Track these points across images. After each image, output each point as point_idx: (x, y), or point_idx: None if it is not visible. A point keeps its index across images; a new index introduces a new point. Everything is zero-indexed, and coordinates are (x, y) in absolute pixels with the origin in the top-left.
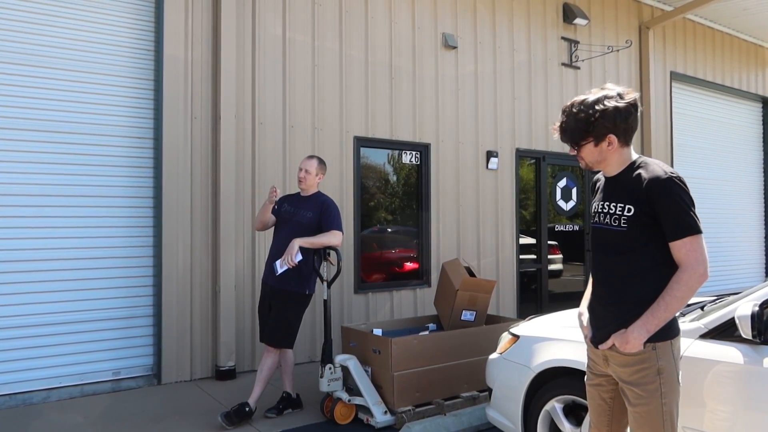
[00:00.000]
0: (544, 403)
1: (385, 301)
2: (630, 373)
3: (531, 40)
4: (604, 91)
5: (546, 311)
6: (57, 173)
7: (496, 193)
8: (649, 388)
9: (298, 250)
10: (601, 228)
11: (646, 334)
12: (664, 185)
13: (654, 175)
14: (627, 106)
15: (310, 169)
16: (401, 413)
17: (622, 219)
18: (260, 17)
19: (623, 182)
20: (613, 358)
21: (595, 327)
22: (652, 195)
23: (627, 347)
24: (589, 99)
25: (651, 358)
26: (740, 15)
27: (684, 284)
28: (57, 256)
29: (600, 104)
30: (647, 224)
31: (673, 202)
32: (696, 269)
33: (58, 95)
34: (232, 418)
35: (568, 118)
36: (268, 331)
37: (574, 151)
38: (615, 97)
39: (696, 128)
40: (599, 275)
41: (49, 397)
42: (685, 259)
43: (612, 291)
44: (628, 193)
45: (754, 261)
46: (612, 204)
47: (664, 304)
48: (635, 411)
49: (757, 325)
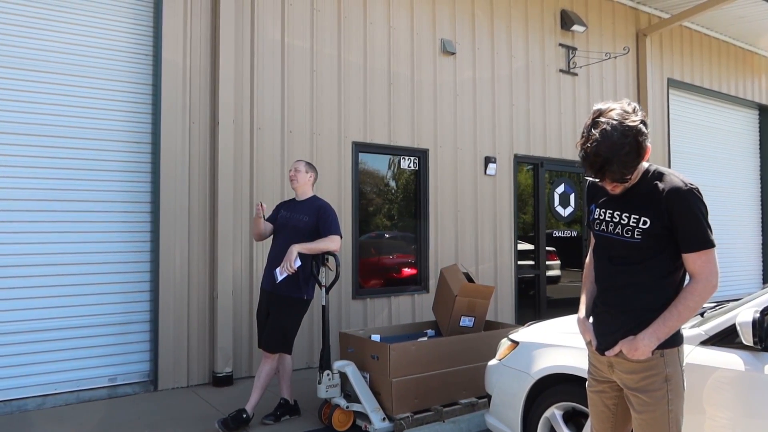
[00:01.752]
0: (544, 409)
1: (383, 306)
2: (637, 380)
3: (529, 46)
4: (610, 111)
5: (544, 317)
6: (53, 178)
7: (494, 199)
8: (657, 395)
9: (297, 256)
10: (611, 237)
11: (656, 341)
12: (685, 197)
13: (674, 186)
14: (646, 130)
15: (299, 167)
16: (399, 420)
17: (636, 231)
18: (259, 22)
19: (639, 193)
20: (619, 365)
21: (601, 334)
22: (672, 206)
23: (636, 354)
24: (616, 124)
25: (659, 365)
26: (736, 23)
27: (698, 295)
28: (53, 261)
29: (629, 122)
30: (662, 236)
31: (693, 215)
32: (710, 281)
33: (56, 100)
34: (229, 425)
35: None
36: (266, 337)
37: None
38: (638, 122)
39: (693, 135)
40: (605, 283)
41: (44, 404)
42: (699, 271)
43: (620, 299)
44: (646, 204)
45: (751, 267)
46: (625, 215)
47: (677, 312)
48: (641, 418)
49: (758, 332)
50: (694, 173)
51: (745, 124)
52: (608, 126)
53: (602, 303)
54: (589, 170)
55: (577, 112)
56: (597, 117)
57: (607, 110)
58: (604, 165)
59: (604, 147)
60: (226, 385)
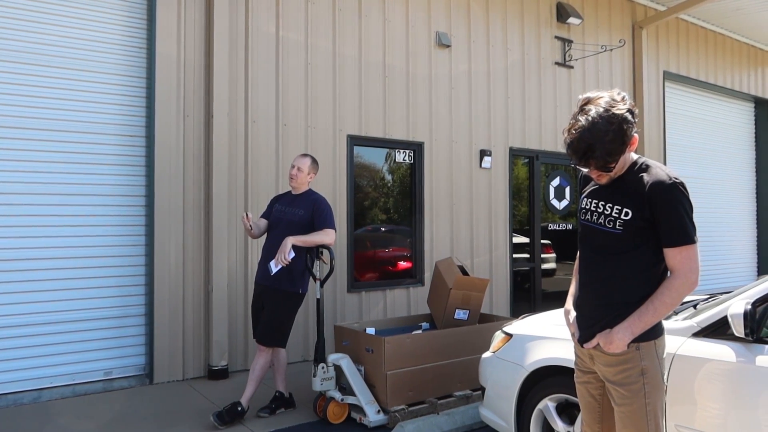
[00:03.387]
0: (537, 401)
1: (378, 300)
2: (614, 373)
3: (525, 39)
4: (598, 99)
5: (539, 310)
6: (47, 171)
7: (490, 192)
8: (633, 388)
9: (291, 248)
10: (593, 227)
11: (631, 336)
12: (668, 191)
13: (658, 180)
14: (633, 119)
15: (302, 167)
16: (394, 412)
17: (618, 222)
18: (253, 15)
19: (624, 184)
20: (598, 358)
21: (582, 326)
22: (654, 199)
23: (611, 347)
24: (602, 111)
25: (635, 359)
26: (732, 15)
27: (675, 291)
28: (48, 255)
29: (616, 109)
30: (643, 228)
31: (675, 209)
32: (689, 277)
33: (50, 93)
34: (224, 418)
35: (593, 140)
36: (261, 331)
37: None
38: (624, 110)
39: (689, 128)
40: (587, 274)
41: (39, 398)
42: (679, 267)
43: (600, 291)
44: (629, 196)
45: (745, 260)
46: (608, 205)
47: (653, 308)
48: (620, 410)
49: (749, 324)
50: (689, 166)
51: (740, 116)
52: (594, 113)
53: (584, 295)
54: (574, 156)
55: (573, 105)
56: (585, 104)
57: (595, 98)
58: (588, 151)
59: (588, 133)
60: (222, 379)
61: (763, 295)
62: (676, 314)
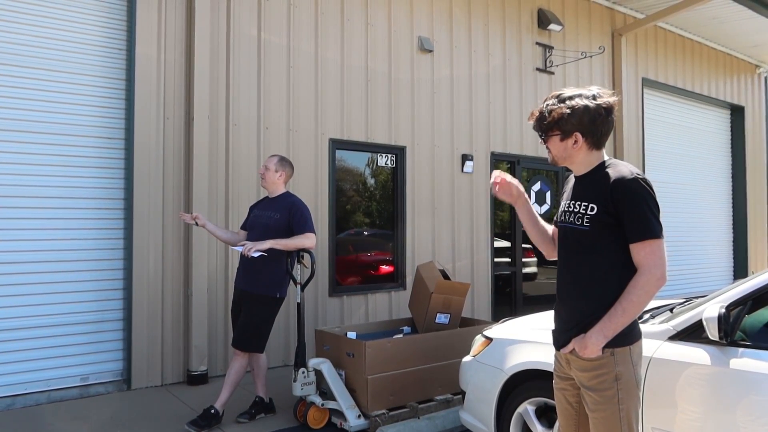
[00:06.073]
0: (517, 405)
1: (360, 304)
2: (589, 378)
3: (506, 45)
4: (583, 89)
5: (520, 314)
6: (24, 174)
7: (471, 197)
8: (607, 394)
9: (264, 250)
10: (566, 226)
11: (604, 339)
12: (629, 185)
13: (620, 175)
14: (597, 108)
15: (269, 165)
16: (375, 417)
17: (585, 218)
18: (235, 17)
19: (590, 182)
20: (574, 363)
21: (558, 330)
22: (616, 194)
23: (585, 352)
24: (565, 94)
25: (609, 364)
26: (709, 24)
27: (640, 288)
28: (23, 258)
29: (572, 100)
30: (609, 224)
31: (636, 204)
32: (653, 272)
33: (27, 94)
34: (199, 423)
35: (543, 107)
36: (237, 335)
37: (543, 141)
38: (589, 98)
39: (667, 134)
40: (563, 276)
41: (14, 404)
42: (644, 262)
43: (574, 293)
44: (593, 191)
45: (722, 264)
46: (577, 203)
47: (621, 309)
48: (594, 416)
49: (723, 327)
50: (667, 171)
51: (717, 123)
52: (585, 91)
53: (561, 297)
54: (536, 123)
55: None
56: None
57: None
58: (544, 113)
59: (553, 101)
60: (201, 384)
61: (737, 299)
62: (653, 318)
